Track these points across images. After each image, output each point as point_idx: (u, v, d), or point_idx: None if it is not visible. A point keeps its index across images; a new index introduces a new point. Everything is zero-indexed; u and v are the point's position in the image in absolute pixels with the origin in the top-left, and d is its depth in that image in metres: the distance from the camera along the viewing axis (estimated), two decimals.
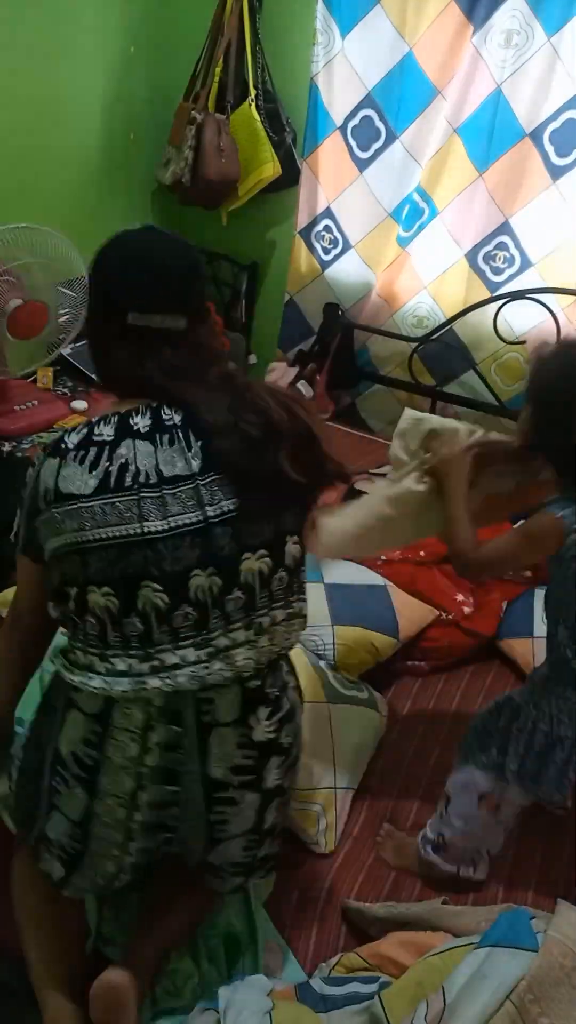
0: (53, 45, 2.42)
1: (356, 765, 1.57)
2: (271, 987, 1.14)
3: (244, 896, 1.30)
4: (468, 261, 2.62)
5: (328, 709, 1.57)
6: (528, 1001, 0.94)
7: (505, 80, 2.35)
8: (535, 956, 0.97)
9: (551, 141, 2.36)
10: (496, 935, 1.02)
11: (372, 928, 1.28)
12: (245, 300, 3.11)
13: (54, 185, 2.60)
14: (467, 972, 0.98)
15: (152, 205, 3.08)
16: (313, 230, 2.83)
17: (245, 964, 1.22)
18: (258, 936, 1.25)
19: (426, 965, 1.06)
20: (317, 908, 1.35)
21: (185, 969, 1.19)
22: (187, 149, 2.65)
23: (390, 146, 2.58)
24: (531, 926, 1.02)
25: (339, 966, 1.18)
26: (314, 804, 1.45)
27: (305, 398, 1.01)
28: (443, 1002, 0.96)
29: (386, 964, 1.13)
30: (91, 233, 2.78)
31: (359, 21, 2.47)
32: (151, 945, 1.18)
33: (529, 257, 2.53)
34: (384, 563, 2.02)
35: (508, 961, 0.97)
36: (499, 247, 2.56)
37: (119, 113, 2.75)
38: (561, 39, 2.24)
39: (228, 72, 2.61)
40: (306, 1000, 1.09)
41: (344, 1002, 1.07)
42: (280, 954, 1.25)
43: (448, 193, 2.56)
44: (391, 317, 2.81)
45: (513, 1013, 0.94)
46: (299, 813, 1.43)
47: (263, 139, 2.63)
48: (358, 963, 1.16)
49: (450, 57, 2.39)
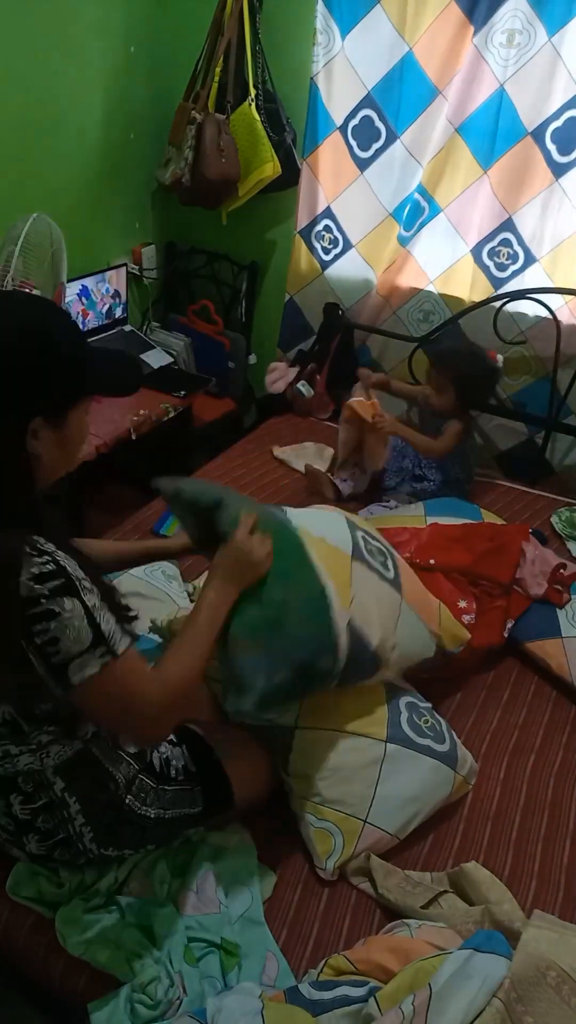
0: (53, 45, 2.42)
1: (402, 813, 1.42)
2: (260, 991, 1.14)
3: (244, 907, 1.29)
4: (473, 256, 2.62)
5: (384, 748, 1.45)
6: (512, 1000, 0.97)
7: (508, 79, 2.35)
8: (513, 960, 1.02)
9: (553, 139, 2.37)
10: (476, 941, 1.05)
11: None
12: (245, 300, 3.12)
13: (54, 185, 2.60)
14: (451, 969, 1.01)
15: (152, 205, 3.08)
16: (313, 230, 2.83)
17: (240, 974, 1.21)
18: (255, 946, 1.24)
19: (416, 968, 1.06)
20: (316, 914, 1.34)
21: (163, 979, 1.19)
22: (187, 149, 2.65)
23: (390, 146, 2.58)
24: (505, 940, 1.07)
25: (328, 968, 1.17)
26: (334, 827, 1.39)
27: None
28: (429, 991, 0.99)
29: (374, 970, 1.13)
30: (91, 233, 2.84)
31: (359, 21, 2.47)
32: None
33: (532, 254, 2.53)
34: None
35: (490, 963, 1.01)
36: (503, 243, 2.56)
37: (119, 113, 2.75)
38: (563, 39, 2.25)
39: (228, 72, 2.61)
40: (296, 1004, 1.09)
41: (333, 1006, 1.07)
42: (276, 963, 1.24)
43: (451, 191, 2.56)
44: (394, 314, 2.81)
45: (502, 1010, 0.96)
46: (318, 831, 1.39)
47: (263, 139, 2.63)
48: (345, 966, 1.15)
49: (450, 57, 2.39)
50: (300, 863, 1.41)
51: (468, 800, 1.56)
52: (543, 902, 1.37)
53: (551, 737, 1.73)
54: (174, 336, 3.14)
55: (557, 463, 2.77)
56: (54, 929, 1.25)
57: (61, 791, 1.18)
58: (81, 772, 1.18)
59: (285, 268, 2.96)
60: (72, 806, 1.19)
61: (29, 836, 1.21)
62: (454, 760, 1.51)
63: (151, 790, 1.26)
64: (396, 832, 1.42)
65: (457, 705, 1.78)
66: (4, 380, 0.94)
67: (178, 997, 1.18)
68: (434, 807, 1.48)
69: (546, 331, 2.57)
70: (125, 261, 2.98)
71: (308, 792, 1.43)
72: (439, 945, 1.14)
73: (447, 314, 2.72)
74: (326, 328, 2.89)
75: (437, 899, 1.29)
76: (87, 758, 1.18)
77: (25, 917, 1.28)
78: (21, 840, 1.22)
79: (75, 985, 1.22)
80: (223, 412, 3.11)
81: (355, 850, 1.38)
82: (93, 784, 1.20)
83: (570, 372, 2.59)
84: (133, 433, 2.48)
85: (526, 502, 2.55)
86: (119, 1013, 1.15)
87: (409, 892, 1.30)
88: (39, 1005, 1.40)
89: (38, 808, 1.19)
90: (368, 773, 1.43)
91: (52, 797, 1.18)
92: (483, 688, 1.84)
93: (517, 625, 1.91)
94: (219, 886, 1.31)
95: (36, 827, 1.20)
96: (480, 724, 1.74)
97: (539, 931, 1.10)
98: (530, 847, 1.48)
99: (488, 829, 1.51)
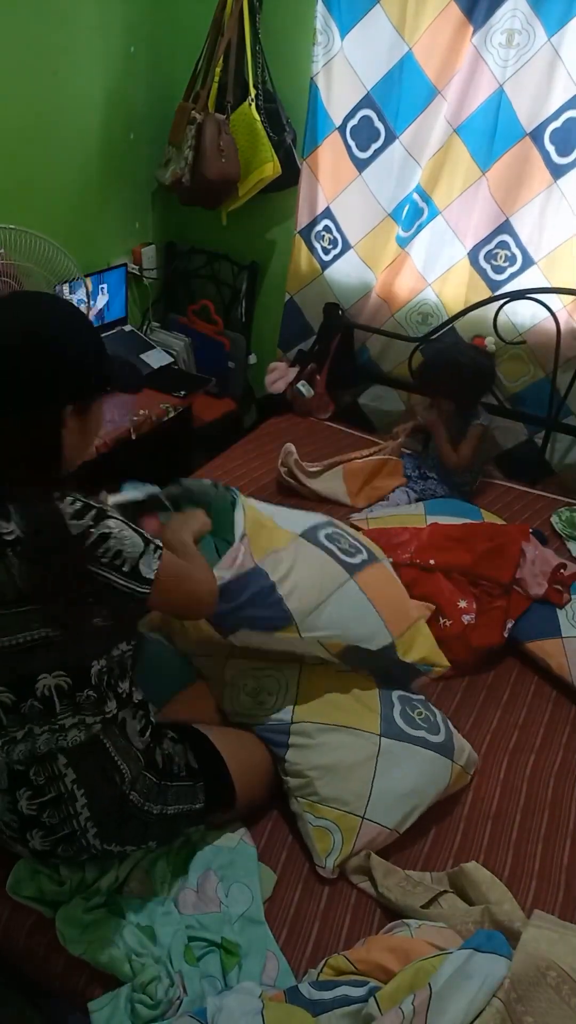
0: (53, 45, 2.42)
1: (400, 807, 1.43)
2: (261, 991, 1.14)
3: (244, 906, 1.29)
4: (470, 260, 2.62)
5: (379, 743, 1.47)
6: (512, 1000, 0.97)
7: (507, 80, 2.35)
8: (513, 960, 1.02)
9: (551, 140, 2.37)
10: (476, 942, 1.06)
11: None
12: (245, 300, 3.12)
13: (54, 185, 2.60)
14: (450, 969, 1.01)
15: (152, 205, 3.08)
16: (313, 230, 2.83)
17: (240, 974, 1.21)
18: (255, 946, 1.24)
19: (416, 968, 1.06)
20: (316, 914, 1.35)
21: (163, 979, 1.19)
22: (187, 149, 2.65)
23: (389, 146, 2.58)
24: (505, 940, 1.07)
25: (327, 968, 1.18)
26: (333, 825, 1.39)
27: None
28: (429, 991, 0.99)
29: (374, 970, 1.13)
30: (91, 233, 2.84)
31: (359, 21, 2.47)
32: None
33: (530, 255, 2.53)
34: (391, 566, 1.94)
35: (490, 964, 1.01)
36: (500, 246, 2.56)
37: (119, 113, 2.75)
38: (562, 39, 2.24)
39: (228, 72, 2.61)
40: (296, 1004, 1.09)
41: (333, 1005, 1.07)
42: (276, 962, 1.24)
43: (449, 192, 2.56)
44: (392, 316, 2.81)
45: (502, 1010, 0.97)
46: (316, 829, 1.40)
47: (263, 139, 2.63)
48: (345, 966, 1.16)
49: (450, 57, 2.39)
50: (300, 862, 1.41)
51: (468, 800, 1.56)
52: (543, 902, 1.37)
53: (551, 737, 1.73)
54: (174, 336, 3.14)
55: (557, 463, 2.77)
56: (54, 929, 1.25)
57: (71, 783, 1.20)
58: (92, 763, 1.21)
59: (285, 268, 2.96)
60: (79, 799, 1.21)
61: (33, 832, 1.22)
62: (450, 750, 1.52)
63: (154, 786, 1.28)
64: (395, 826, 1.42)
65: (457, 705, 1.78)
66: (52, 369, 1.08)
67: (178, 997, 1.18)
68: (433, 798, 1.48)
69: (545, 332, 2.57)
70: (125, 261, 2.98)
71: (305, 791, 1.43)
72: (439, 945, 1.14)
73: (445, 316, 2.72)
74: (326, 328, 2.89)
75: (437, 899, 1.29)
76: (98, 747, 1.22)
77: (26, 917, 1.28)
78: (25, 836, 1.23)
79: (75, 985, 1.22)
80: (223, 412, 3.11)
81: (354, 847, 1.38)
82: (102, 777, 1.22)
83: (570, 372, 2.60)
84: (133, 433, 2.48)
85: (526, 502, 2.55)
86: (119, 1013, 1.16)
87: (409, 892, 1.30)
88: (39, 1005, 1.41)
89: (46, 802, 1.21)
90: (364, 769, 1.45)
91: (62, 790, 1.20)
92: (483, 688, 1.84)
93: (517, 625, 1.90)
94: (219, 885, 1.32)
95: (41, 822, 1.21)
96: (480, 724, 1.74)
97: (539, 931, 1.10)
98: (530, 847, 1.48)
99: (488, 829, 1.51)
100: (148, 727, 1.30)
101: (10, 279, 2.25)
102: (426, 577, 1.94)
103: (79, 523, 1.08)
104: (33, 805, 1.21)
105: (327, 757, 1.45)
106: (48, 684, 1.16)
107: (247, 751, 1.44)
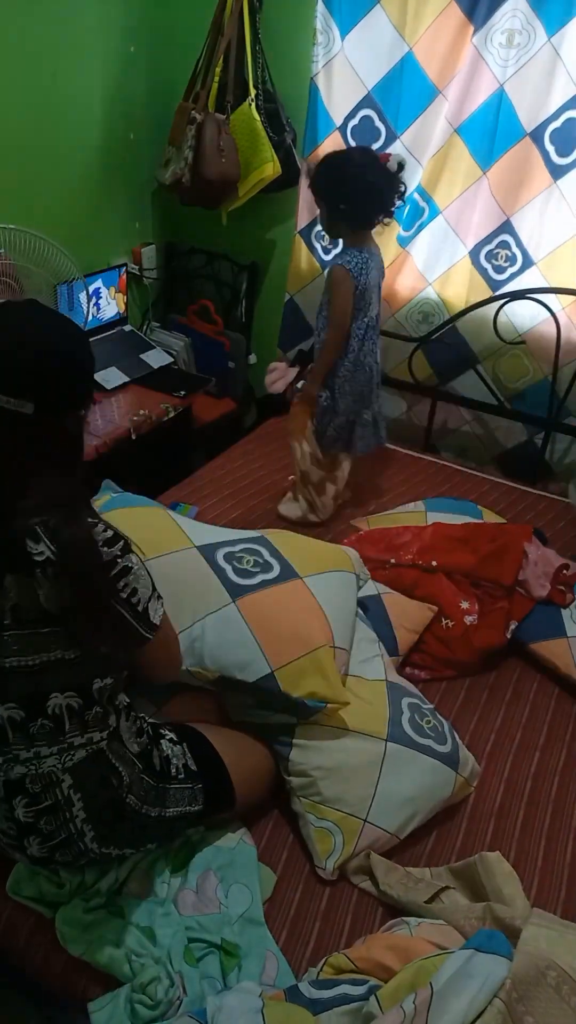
0: (53, 45, 2.42)
1: (402, 812, 1.42)
2: (260, 990, 1.14)
3: (243, 907, 1.29)
4: (471, 259, 2.62)
5: (384, 747, 1.45)
6: (514, 1000, 0.97)
7: (508, 80, 2.35)
8: (514, 960, 1.02)
9: (552, 141, 2.37)
10: (477, 941, 1.05)
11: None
12: (245, 300, 3.11)
13: (54, 185, 2.60)
14: (452, 969, 1.00)
15: (152, 205, 3.08)
16: (313, 230, 2.83)
17: (240, 975, 1.21)
18: (255, 947, 1.24)
19: (417, 967, 1.06)
20: (316, 914, 1.34)
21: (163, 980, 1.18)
22: (187, 149, 2.65)
23: (390, 146, 2.58)
24: (507, 940, 1.07)
25: (327, 966, 1.17)
26: (335, 826, 1.38)
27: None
28: (430, 990, 0.99)
29: (374, 969, 1.12)
30: (91, 233, 2.84)
31: (359, 21, 2.47)
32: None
33: (531, 256, 2.53)
34: (392, 566, 1.94)
35: (491, 964, 1.00)
36: (501, 245, 2.56)
37: (119, 113, 2.75)
38: (562, 39, 2.24)
39: (228, 72, 2.61)
40: (296, 1003, 1.09)
41: (333, 1004, 1.07)
42: (276, 963, 1.24)
43: (450, 192, 2.56)
44: (393, 316, 2.81)
45: (504, 1011, 0.96)
46: (318, 831, 1.39)
47: (263, 139, 2.62)
48: (345, 964, 1.15)
49: (451, 57, 2.39)
50: (300, 862, 1.40)
51: (472, 798, 1.56)
52: (546, 899, 1.37)
53: (555, 735, 1.73)
54: (174, 336, 3.13)
55: (556, 463, 2.77)
56: (54, 929, 1.25)
57: (68, 788, 1.19)
58: (91, 770, 1.20)
59: (285, 268, 2.96)
60: (76, 804, 1.20)
61: (31, 839, 1.21)
62: (455, 761, 1.51)
63: (152, 789, 1.27)
64: (396, 831, 1.41)
65: (461, 705, 1.78)
66: (86, 371, 1.16)
67: (178, 997, 1.18)
68: (434, 807, 1.47)
69: (545, 333, 2.57)
70: (125, 261, 2.98)
71: (308, 791, 1.42)
72: (439, 943, 1.14)
73: (446, 316, 2.72)
74: None
75: (439, 895, 1.28)
76: (99, 758, 1.21)
77: (26, 917, 1.28)
78: (22, 843, 1.22)
79: (75, 985, 1.22)
80: (223, 412, 3.11)
81: (355, 849, 1.38)
82: (99, 782, 1.21)
83: (570, 372, 2.59)
84: (133, 433, 2.48)
85: (527, 502, 2.55)
86: (119, 1013, 1.15)
87: (411, 888, 1.29)
88: (39, 1005, 1.40)
89: (42, 809, 1.20)
90: (368, 772, 1.43)
91: (58, 796, 1.19)
92: (486, 688, 1.84)
93: (522, 627, 1.90)
94: (219, 886, 1.31)
95: (38, 829, 1.20)
96: (484, 723, 1.73)
97: (538, 929, 1.09)
98: (533, 844, 1.48)
99: (491, 826, 1.51)
100: (143, 728, 1.30)
101: (10, 279, 2.25)
102: (428, 578, 1.94)
103: (108, 551, 1.11)
104: (30, 812, 1.19)
105: (332, 758, 1.43)
106: (59, 704, 1.16)
107: (247, 752, 1.43)
